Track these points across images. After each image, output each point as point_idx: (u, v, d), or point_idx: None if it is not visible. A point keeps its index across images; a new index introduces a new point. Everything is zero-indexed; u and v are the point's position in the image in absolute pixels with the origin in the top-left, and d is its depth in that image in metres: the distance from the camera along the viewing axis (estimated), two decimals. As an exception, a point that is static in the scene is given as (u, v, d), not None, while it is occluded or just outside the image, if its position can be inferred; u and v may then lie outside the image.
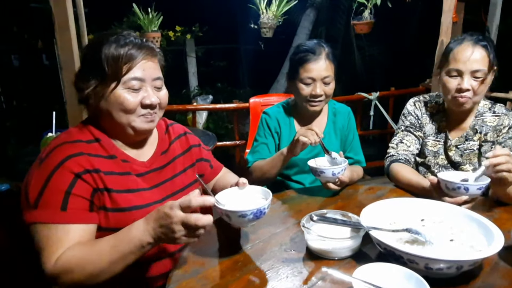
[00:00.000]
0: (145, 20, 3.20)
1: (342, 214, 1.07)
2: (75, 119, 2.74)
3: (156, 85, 1.07)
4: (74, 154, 0.98)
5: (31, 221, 0.94)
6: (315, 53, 1.55)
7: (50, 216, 0.93)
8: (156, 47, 1.10)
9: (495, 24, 3.29)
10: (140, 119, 1.05)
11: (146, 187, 1.10)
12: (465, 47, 1.41)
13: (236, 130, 3.50)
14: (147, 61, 1.05)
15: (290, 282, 0.88)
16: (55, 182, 0.95)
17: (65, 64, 2.67)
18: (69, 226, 0.94)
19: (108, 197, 1.02)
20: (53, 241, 0.92)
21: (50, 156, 0.98)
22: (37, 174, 0.96)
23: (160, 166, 1.17)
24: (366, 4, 3.23)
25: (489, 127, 1.50)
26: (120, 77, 1.00)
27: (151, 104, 1.04)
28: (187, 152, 1.28)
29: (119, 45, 1.01)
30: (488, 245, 0.91)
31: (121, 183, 1.05)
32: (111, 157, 1.06)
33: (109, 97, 1.01)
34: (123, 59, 1.00)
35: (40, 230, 0.93)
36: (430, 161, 1.60)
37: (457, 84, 1.42)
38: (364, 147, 1.83)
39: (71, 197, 0.95)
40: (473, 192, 1.15)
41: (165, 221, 0.86)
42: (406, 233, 0.97)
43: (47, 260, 0.91)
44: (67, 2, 2.58)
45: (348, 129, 1.75)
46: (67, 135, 1.04)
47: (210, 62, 6.92)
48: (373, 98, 3.59)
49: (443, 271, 0.84)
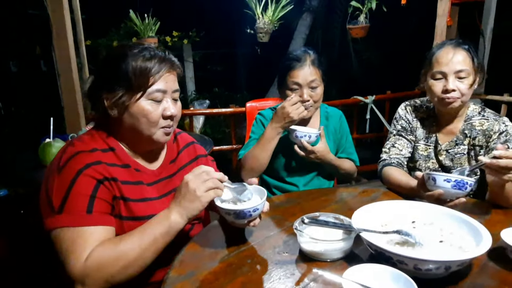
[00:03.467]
0: (142, 26, 3.22)
1: (335, 217, 1.08)
2: (73, 125, 2.76)
3: (174, 97, 1.11)
4: (93, 163, 1.00)
5: (55, 226, 0.95)
6: (300, 60, 1.61)
7: (76, 220, 0.94)
8: (176, 60, 1.12)
9: (489, 28, 3.32)
10: (160, 132, 1.08)
11: (156, 196, 1.13)
12: (446, 50, 1.46)
13: (233, 134, 3.52)
14: (169, 74, 1.07)
15: (283, 284, 0.89)
16: (79, 188, 0.96)
17: (62, 70, 2.70)
18: (94, 228, 0.96)
19: (124, 206, 1.04)
20: (80, 243, 0.93)
21: (70, 164, 0.99)
22: (58, 181, 0.97)
23: (169, 175, 1.20)
24: (362, 8, 3.27)
25: (478, 131, 1.52)
26: (147, 88, 1.03)
27: (171, 115, 1.07)
28: (194, 161, 1.30)
29: (145, 58, 1.04)
30: (477, 246, 0.92)
31: (135, 192, 1.07)
32: (125, 166, 1.08)
33: (133, 108, 1.04)
34: (150, 71, 1.03)
35: (65, 234, 0.94)
36: (421, 165, 1.62)
37: (443, 86, 1.45)
38: (361, 151, 1.86)
39: (96, 200, 0.98)
40: (440, 184, 1.16)
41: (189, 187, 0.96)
42: (397, 235, 0.99)
43: (76, 261, 0.91)
44: (64, 9, 2.60)
45: (341, 132, 1.78)
46: (82, 144, 1.05)
47: (207, 67, 6.95)
48: (369, 102, 3.62)
49: (432, 271, 0.85)
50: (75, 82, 2.71)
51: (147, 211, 1.08)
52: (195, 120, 4.49)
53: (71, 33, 2.70)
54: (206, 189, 0.96)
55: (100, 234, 0.96)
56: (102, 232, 0.97)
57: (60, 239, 0.94)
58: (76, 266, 0.91)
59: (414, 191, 1.32)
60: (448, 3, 3.00)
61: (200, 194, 0.96)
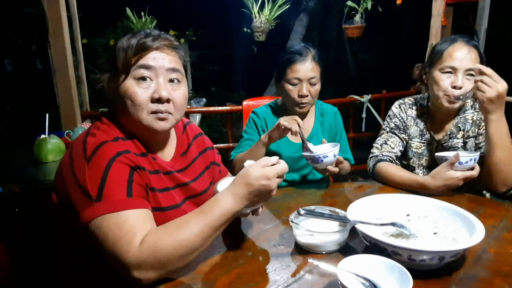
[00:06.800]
0: (139, 24, 3.23)
1: (330, 210, 1.09)
2: (68, 122, 2.76)
3: (171, 77, 1.01)
4: (122, 151, 0.94)
5: (96, 215, 0.87)
6: (302, 54, 1.60)
7: (117, 204, 0.87)
8: (174, 40, 1.04)
9: (483, 28, 3.35)
10: (151, 117, 0.99)
11: (172, 186, 1.09)
12: (460, 46, 1.45)
13: (229, 133, 3.52)
14: (160, 51, 0.99)
15: (278, 275, 0.90)
16: (114, 174, 0.90)
17: (58, 68, 2.70)
18: (138, 211, 0.89)
19: (152, 196, 1.01)
20: (127, 228, 0.86)
21: (98, 154, 0.91)
22: (90, 170, 0.89)
23: (181, 168, 1.15)
24: (357, 8, 3.29)
25: (470, 123, 1.53)
26: (130, 67, 0.96)
27: (160, 98, 0.97)
28: (203, 153, 1.26)
29: (130, 37, 0.99)
30: (470, 237, 0.93)
31: (158, 182, 1.03)
32: (144, 154, 1.02)
33: (120, 91, 0.98)
34: (133, 49, 0.96)
35: (108, 221, 0.86)
36: (414, 162, 1.63)
37: (451, 81, 1.44)
38: (357, 150, 1.86)
39: (134, 184, 0.92)
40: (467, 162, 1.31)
41: (265, 188, 0.91)
42: (392, 227, 1.00)
43: (129, 246, 0.84)
44: (61, 7, 2.60)
45: (336, 129, 1.78)
46: (103, 133, 0.98)
47: (204, 66, 6.95)
48: (365, 101, 3.63)
49: (426, 262, 0.86)
50: (71, 79, 2.71)
51: (168, 201, 1.04)
52: (192, 118, 4.49)
53: (68, 31, 2.70)
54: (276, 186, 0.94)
55: (146, 217, 0.90)
56: (147, 215, 0.91)
57: (103, 227, 0.86)
58: (130, 251, 0.83)
59: (422, 185, 1.36)
60: (442, 3, 3.01)
61: (274, 193, 0.94)
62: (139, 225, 0.87)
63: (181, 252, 0.85)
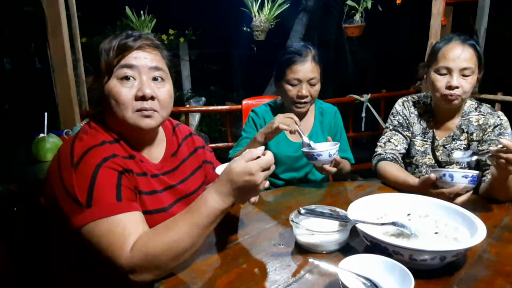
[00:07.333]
0: (138, 23, 3.21)
1: (331, 209, 1.09)
2: (67, 121, 2.75)
3: (154, 75, 1.02)
4: (110, 156, 0.94)
5: (86, 221, 0.87)
6: (302, 54, 1.58)
7: (107, 209, 0.88)
8: (155, 39, 1.05)
9: (483, 27, 3.35)
10: (135, 115, 0.99)
11: (160, 189, 1.08)
12: (454, 45, 1.44)
13: (229, 132, 3.51)
14: (142, 51, 1.01)
15: (278, 275, 0.89)
16: (102, 180, 0.90)
17: (57, 67, 2.69)
18: (129, 215, 0.90)
19: (139, 199, 1.00)
20: (119, 232, 0.87)
21: (85, 159, 0.92)
22: (77, 177, 0.90)
23: (171, 169, 1.15)
24: (357, 7, 3.28)
25: (475, 126, 1.52)
26: (113, 68, 0.98)
27: (144, 96, 0.98)
28: (193, 153, 1.26)
29: (114, 38, 1.00)
30: (471, 237, 0.93)
31: (145, 184, 1.03)
32: (132, 157, 1.02)
33: (104, 91, 0.99)
34: (115, 49, 0.98)
35: (100, 226, 0.87)
36: (418, 160, 1.62)
37: (447, 82, 1.44)
38: (357, 150, 1.85)
39: (123, 188, 0.93)
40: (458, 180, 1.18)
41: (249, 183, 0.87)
42: (392, 227, 1.00)
43: (122, 251, 0.85)
44: (60, 6, 2.59)
45: (336, 128, 1.78)
46: (90, 137, 0.99)
47: (203, 65, 6.94)
48: (364, 100, 3.63)
49: (427, 262, 0.86)
50: (70, 78, 2.70)
51: (154, 204, 1.04)
52: (191, 117, 4.47)
53: (66, 29, 2.69)
54: (264, 180, 0.91)
55: (137, 220, 0.91)
56: (138, 217, 0.92)
57: (95, 233, 0.87)
58: (123, 256, 0.85)
59: (413, 189, 1.32)
60: (442, 3, 3.01)
61: (261, 187, 0.91)
62: (131, 228, 0.88)
63: (172, 253, 0.86)
